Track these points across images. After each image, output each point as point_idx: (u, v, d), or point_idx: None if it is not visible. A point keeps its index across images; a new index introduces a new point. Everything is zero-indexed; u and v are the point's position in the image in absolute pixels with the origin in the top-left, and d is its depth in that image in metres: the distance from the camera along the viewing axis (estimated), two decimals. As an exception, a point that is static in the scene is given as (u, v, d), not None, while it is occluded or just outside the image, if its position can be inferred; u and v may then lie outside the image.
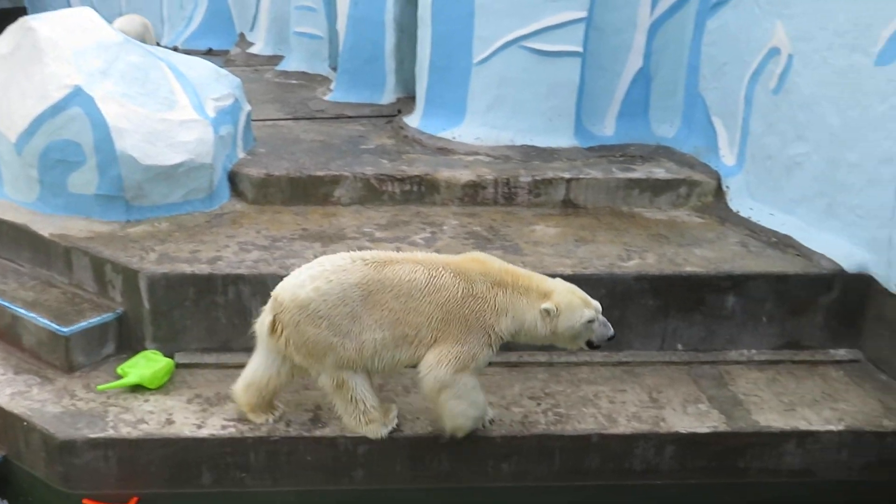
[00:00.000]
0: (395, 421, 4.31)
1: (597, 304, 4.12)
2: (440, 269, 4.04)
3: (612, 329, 4.16)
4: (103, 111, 5.25)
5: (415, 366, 4.10)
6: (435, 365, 3.98)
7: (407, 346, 4.03)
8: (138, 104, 5.46)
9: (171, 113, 5.54)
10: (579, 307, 4.03)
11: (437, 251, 5.10)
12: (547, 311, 3.99)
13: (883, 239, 4.91)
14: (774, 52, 5.62)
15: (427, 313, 3.98)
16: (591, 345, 4.18)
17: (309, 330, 3.96)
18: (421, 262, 4.08)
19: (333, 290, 3.95)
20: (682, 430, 4.43)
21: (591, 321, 4.06)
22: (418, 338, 4.01)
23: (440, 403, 4.08)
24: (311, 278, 3.99)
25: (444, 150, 6.41)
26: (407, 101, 7.63)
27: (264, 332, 4.11)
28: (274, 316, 4.03)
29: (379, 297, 3.98)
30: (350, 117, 7.38)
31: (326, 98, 7.91)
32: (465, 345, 3.99)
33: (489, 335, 4.03)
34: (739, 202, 5.90)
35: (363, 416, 4.19)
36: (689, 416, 4.52)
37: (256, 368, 4.24)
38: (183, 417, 4.36)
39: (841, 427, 4.48)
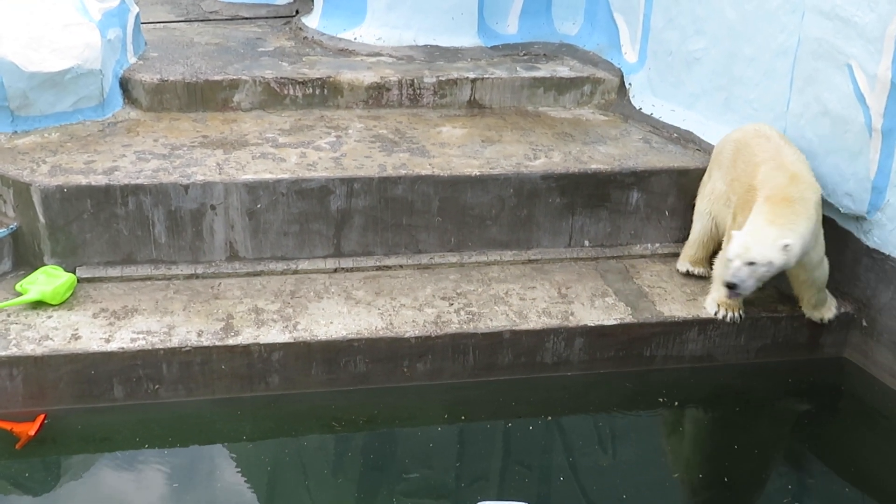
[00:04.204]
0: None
1: None
2: None
3: None
4: (-22, 15, 4.91)
5: None
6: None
7: None
8: (16, 7, 5.11)
9: (53, 16, 5.21)
10: None
11: (343, 155, 5.03)
12: None
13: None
14: (674, -55, 5.63)
15: None
16: None
17: None
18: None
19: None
20: (591, 323, 4.56)
21: None
22: None
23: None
24: None
25: (345, 51, 6.25)
26: (304, 0, 7.36)
27: None
28: None
29: None
30: (246, 18, 7.10)
31: (219, -1, 7.58)
32: None
33: None
34: (642, 99, 5.97)
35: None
36: (597, 309, 4.65)
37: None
38: (89, 332, 4.25)
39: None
